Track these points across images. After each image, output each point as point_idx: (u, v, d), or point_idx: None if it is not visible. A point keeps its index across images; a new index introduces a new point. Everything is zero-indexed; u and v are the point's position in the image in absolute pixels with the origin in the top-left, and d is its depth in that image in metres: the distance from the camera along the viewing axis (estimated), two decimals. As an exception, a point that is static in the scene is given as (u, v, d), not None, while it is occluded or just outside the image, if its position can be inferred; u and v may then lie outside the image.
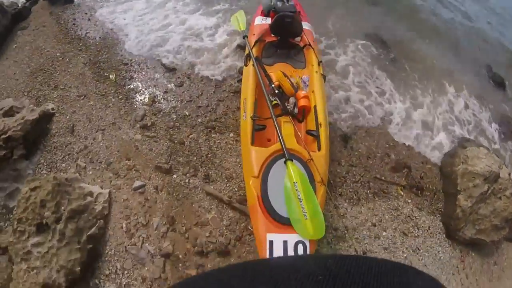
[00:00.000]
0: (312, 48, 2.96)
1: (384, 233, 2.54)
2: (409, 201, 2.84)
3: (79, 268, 2.16)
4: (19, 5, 4.63)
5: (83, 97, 3.18)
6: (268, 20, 3.08)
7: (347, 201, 2.67)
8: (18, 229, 2.28)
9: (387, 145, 3.22)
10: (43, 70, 3.60)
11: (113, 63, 3.51)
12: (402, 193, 2.85)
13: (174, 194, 2.39)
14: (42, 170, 2.72)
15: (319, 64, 2.83)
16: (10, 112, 3.01)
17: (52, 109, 3.13)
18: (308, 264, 0.35)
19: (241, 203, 2.35)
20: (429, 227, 2.72)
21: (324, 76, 2.81)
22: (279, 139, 1.98)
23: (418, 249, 2.56)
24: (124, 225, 2.29)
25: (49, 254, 2.21)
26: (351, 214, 2.58)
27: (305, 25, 3.24)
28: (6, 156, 2.69)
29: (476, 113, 4.07)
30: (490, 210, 2.70)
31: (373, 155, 3.07)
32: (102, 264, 2.19)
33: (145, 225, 2.27)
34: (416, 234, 2.64)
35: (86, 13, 4.31)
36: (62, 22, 4.22)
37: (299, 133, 2.18)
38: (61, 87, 3.34)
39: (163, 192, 2.40)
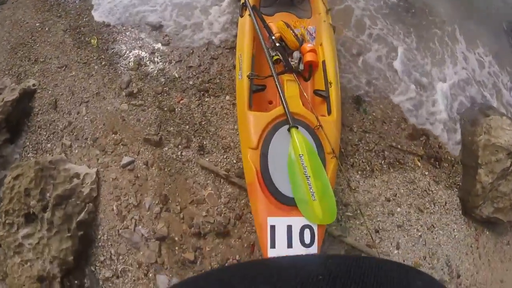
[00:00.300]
0: None
1: (398, 209, 2.30)
2: (426, 173, 2.55)
3: (72, 257, 2.01)
4: (-5, -24, 4.27)
5: (64, 67, 2.87)
6: None
7: (359, 172, 2.37)
8: (7, 221, 2.14)
9: (404, 108, 2.86)
10: (23, 44, 3.29)
11: (94, 26, 3.12)
12: (420, 164, 2.57)
13: (166, 170, 2.10)
14: (28, 153, 2.50)
15: (327, 13, 2.47)
16: None
17: (33, 85, 2.84)
18: (308, 264, 0.34)
19: (240, 177, 2.05)
20: (445, 203, 2.47)
21: (333, 27, 2.46)
22: (282, 102, 1.72)
23: (434, 226, 2.34)
24: (114, 207, 2.06)
25: (40, 245, 2.07)
26: (363, 187, 2.31)
27: None
28: (-11, 143, 2.48)
29: (496, 77, 3.54)
30: (511, 188, 2.44)
31: (388, 119, 2.72)
32: (96, 251, 2.01)
33: (137, 206, 2.02)
34: (432, 210, 2.40)
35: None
36: (39, -12, 3.83)
37: (305, 94, 1.90)
38: (41, 59, 3.04)
39: (154, 168, 2.12)
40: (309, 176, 1.45)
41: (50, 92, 2.74)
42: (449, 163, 2.69)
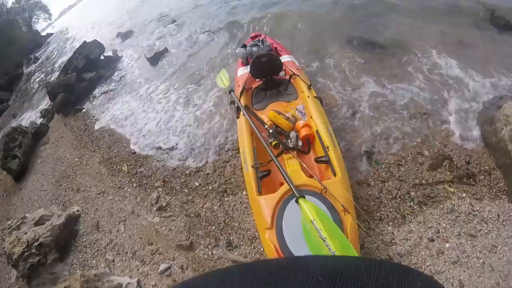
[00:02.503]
0: (298, 75, 2.93)
1: (447, 245, 2.07)
2: (463, 195, 2.34)
3: None
4: (38, 123, 5.24)
5: (102, 193, 3.42)
6: (249, 68, 3.05)
7: (390, 224, 2.25)
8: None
9: (415, 143, 2.79)
10: (65, 177, 3.95)
11: (123, 155, 3.80)
12: (452, 189, 2.38)
13: (200, 270, 2.40)
14: (76, 270, 2.84)
15: (309, 88, 2.75)
16: (41, 221, 3.27)
17: (77, 210, 3.37)
18: (307, 264, 0.35)
19: None
20: (498, 216, 2.21)
21: (319, 98, 2.71)
22: (284, 178, 1.81)
23: (495, 246, 2.04)
24: (157, 314, 2.31)
25: None
26: (399, 237, 2.16)
27: (286, 58, 3.29)
28: (41, 262, 2.87)
29: (490, 68, 3.49)
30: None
31: (403, 160, 2.67)
32: None
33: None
34: (486, 230, 2.14)
35: (94, 117, 4.78)
36: (76, 129, 4.70)
37: (305, 165, 1.99)
38: (82, 189, 3.63)
39: (189, 270, 2.43)
40: (325, 238, 1.44)
41: (92, 215, 3.24)
42: (485, 173, 2.46)
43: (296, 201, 1.72)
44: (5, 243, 3.05)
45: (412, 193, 2.41)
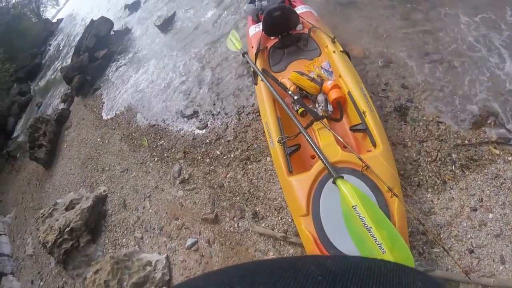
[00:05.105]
0: (318, 28, 2.54)
1: (490, 216, 1.82)
2: (510, 158, 2.04)
3: None
4: (59, 109, 5.26)
5: (126, 171, 3.34)
6: (261, 25, 2.69)
7: (429, 190, 1.98)
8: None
9: (455, 96, 2.34)
10: (90, 158, 3.93)
11: (142, 129, 3.66)
12: (498, 151, 2.07)
13: (227, 244, 2.24)
14: (108, 250, 2.85)
15: (333, 41, 2.38)
16: (71, 206, 3.28)
17: (104, 191, 3.33)
18: (307, 264, 0.34)
19: (298, 236, 1.96)
20: None
21: (347, 52, 2.35)
22: (318, 155, 1.59)
23: None
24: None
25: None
26: (439, 206, 1.91)
27: (302, 8, 2.86)
28: (74, 246, 2.90)
29: None
30: None
31: (444, 116, 2.29)
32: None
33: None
34: None
35: (112, 94, 4.65)
36: (95, 109, 4.65)
37: (339, 138, 1.70)
38: (106, 168, 3.57)
39: (215, 244, 2.28)
40: (371, 227, 1.27)
41: (118, 194, 3.18)
42: None
43: (334, 182, 1.48)
44: (39, 232, 3.10)
45: (454, 155, 2.08)
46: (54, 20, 15.78)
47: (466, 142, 2.12)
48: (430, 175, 2.04)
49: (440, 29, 2.73)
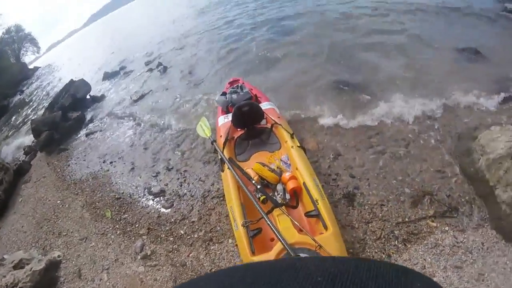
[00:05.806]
0: (279, 124, 2.90)
1: (434, 279, 1.86)
2: (447, 228, 2.41)
3: None
4: (20, 160, 5.20)
5: (85, 239, 3.42)
6: (230, 117, 3.01)
7: None
8: None
9: (395, 181, 2.90)
10: (47, 219, 3.92)
11: (107, 200, 3.85)
12: (435, 224, 2.45)
13: None
14: (56, 322, 2.81)
15: (292, 137, 2.74)
16: (20, 265, 3.21)
17: (58, 256, 3.34)
18: (307, 265, 0.35)
19: None
20: (482, 244, 2.27)
21: (303, 148, 2.71)
22: (277, 237, 1.76)
23: (481, 274, 2.09)
24: None
25: None
26: None
27: (266, 105, 3.31)
28: (18, 311, 2.82)
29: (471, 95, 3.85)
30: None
31: (386, 199, 2.75)
32: None
33: None
34: (472, 260, 2.19)
35: (78, 158, 4.82)
36: (59, 170, 4.72)
37: (296, 222, 1.94)
38: (64, 233, 3.62)
39: (174, 324, 2.48)
40: None
41: (74, 262, 3.22)
42: (466, 204, 2.56)
43: None
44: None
45: (396, 232, 2.47)
46: (31, 66, 15.67)
47: (406, 219, 2.53)
48: (376, 251, 2.38)
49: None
